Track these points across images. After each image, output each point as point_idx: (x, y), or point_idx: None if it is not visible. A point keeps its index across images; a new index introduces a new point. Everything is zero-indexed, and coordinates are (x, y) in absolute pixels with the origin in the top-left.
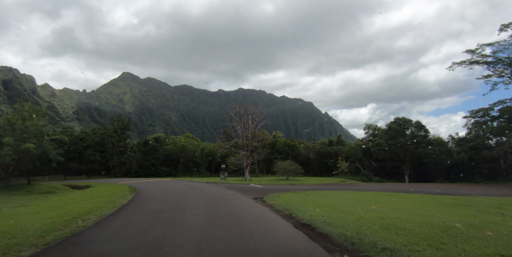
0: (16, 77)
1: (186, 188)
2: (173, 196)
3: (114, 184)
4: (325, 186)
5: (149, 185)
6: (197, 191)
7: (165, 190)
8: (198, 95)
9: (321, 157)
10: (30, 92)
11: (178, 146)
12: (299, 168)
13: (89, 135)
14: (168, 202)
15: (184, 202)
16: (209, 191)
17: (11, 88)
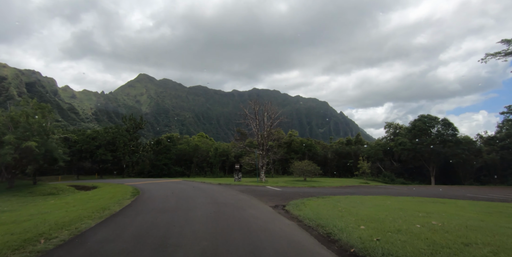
0: (39, 80)
1: (195, 191)
2: (176, 203)
3: (121, 185)
4: (350, 189)
5: (156, 186)
6: (206, 195)
7: (170, 193)
8: (213, 96)
9: (339, 157)
10: (51, 94)
11: (191, 145)
12: (317, 168)
13: (101, 133)
14: (167, 211)
15: (187, 211)
16: (220, 195)
17: (34, 91)
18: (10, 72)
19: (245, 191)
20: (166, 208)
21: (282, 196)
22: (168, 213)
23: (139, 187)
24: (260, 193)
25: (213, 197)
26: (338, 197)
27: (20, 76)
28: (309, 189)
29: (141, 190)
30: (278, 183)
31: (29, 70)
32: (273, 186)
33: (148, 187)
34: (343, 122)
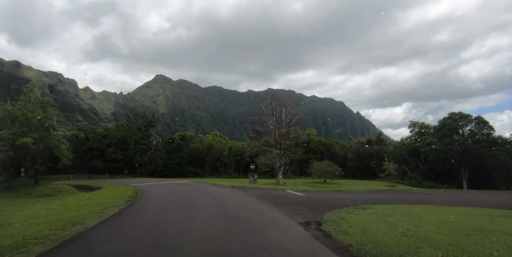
0: (61, 81)
1: (202, 195)
2: (172, 216)
3: (124, 186)
4: (383, 194)
5: (160, 189)
6: (215, 202)
7: (172, 198)
8: (228, 96)
9: (360, 158)
10: (72, 95)
11: (205, 144)
12: (338, 170)
13: (112, 131)
14: (156, 226)
15: (182, 230)
16: (232, 202)
17: (56, 92)
18: (34, 74)
19: (263, 197)
20: (157, 222)
21: (310, 205)
22: (157, 232)
23: (142, 189)
24: (281, 200)
25: (222, 205)
26: (381, 208)
27: (44, 78)
28: (337, 194)
29: (141, 194)
30: (297, 186)
31: (51, 72)
32: (293, 190)
33: (149, 189)
34: (360, 123)
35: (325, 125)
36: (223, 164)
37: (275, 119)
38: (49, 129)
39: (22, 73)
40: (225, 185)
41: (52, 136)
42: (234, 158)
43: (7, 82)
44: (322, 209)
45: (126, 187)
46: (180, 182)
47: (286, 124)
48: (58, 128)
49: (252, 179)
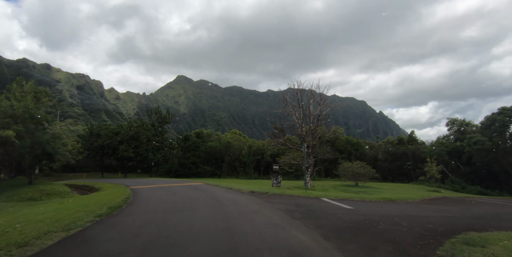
0: (87, 82)
1: (209, 208)
2: (144, 247)
3: (120, 190)
4: (452, 205)
5: (159, 194)
6: (223, 225)
7: (160, 215)
8: (248, 96)
9: (392, 158)
10: (98, 95)
11: (223, 142)
12: (372, 171)
13: (124, 128)
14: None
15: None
16: (250, 226)
17: (83, 92)
18: (63, 76)
19: (296, 213)
20: None
21: (380, 233)
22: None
23: (135, 195)
24: (327, 221)
25: (234, 232)
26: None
27: (72, 79)
28: (394, 206)
29: (132, 200)
30: (330, 191)
31: (79, 74)
32: (331, 198)
33: (144, 196)
34: (383, 123)
35: (347, 125)
36: (242, 164)
37: (301, 112)
38: (42, 122)
39: (52, 76)
40: (242, 190)
41: (47, 130)
42: (254, 157)
43: (38, 84)
44: (411, 245)
45: (119, 192)
46: (190, 185)
47: (315, 118)
48: (54, 121)
49: (275, 182)
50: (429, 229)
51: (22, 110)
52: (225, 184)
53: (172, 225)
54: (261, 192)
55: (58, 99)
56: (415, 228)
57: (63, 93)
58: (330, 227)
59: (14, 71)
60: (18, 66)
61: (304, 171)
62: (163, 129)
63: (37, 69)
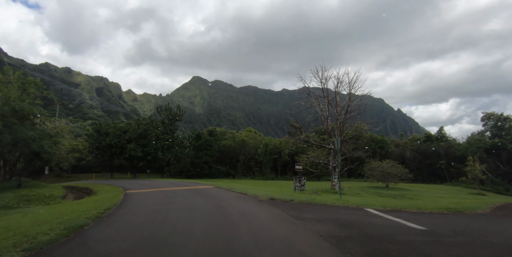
0: (106, 85)
1: (211, 234)
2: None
3: (116, 194)
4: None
5: (156, 201)
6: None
7: (136, 244)
8: (263, 96)
9: (421, 157)
10: (117, 97)
11: (237, 141)
12: (405, 171)
13: (133, 126)
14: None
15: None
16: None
17: (102, 95)
18: (83, 79)
19: (350, 243)
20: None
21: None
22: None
23: (126, 201)
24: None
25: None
26: None
27: (91, 82)
28: (479, 223)
29: (109, 214)
30: (363, 195)
31: (98, 76)
32: (376, 208)
33: (136, 204)
34: (401, 120)
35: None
36: (258, 163)
37: (327, 103)
38: (28, 116)
39: (72, 79)
40: (260, 197)
41: (37, 126)
42: (270, 157)
43: (59, 87)
44: None
45: (106, 199)
46: (197, 189)
47: (342, 110)
48: (47, 116)
49: (298, 185)
50: None
51: (0, 102)
52: (239, 187)
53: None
54: (283, 200)
55: (78, 102)
56: None
57: (83, 96)
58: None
59: (37, 75)
60: (40, 71)
61: (331, 171)
62: (173, 127)
63: (58, 73)
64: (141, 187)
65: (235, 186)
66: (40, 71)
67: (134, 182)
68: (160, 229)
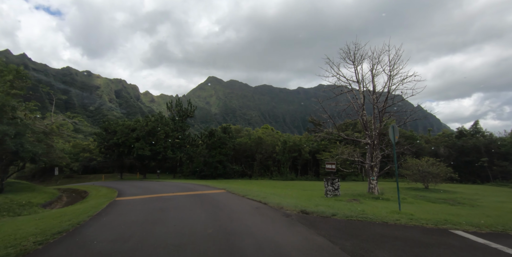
0: (124, 87)
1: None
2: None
3: (100, 202)
4: None
5: (140, 218)
6: None
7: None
8: (278, 94)
9: (457, 154)
10: (135, 99)
11: (253, 138)
12: (448, 171)
13: (141, 124)
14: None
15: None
16: None
17: (121, 96)
18: (103, 81)
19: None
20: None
21: None
22: None
23: (102, 216)
24: None
25: None
26: None
27: (110, 84)
28: None
29: (62, 238)
30: (407, 200)
31: (117, 79)
32: (467, 231)
33: (110, 221)
34: (421, 117)
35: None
36: (276, 162)
37: (361, 88)
38: (3, 107)
39: (92, 82)
40: (285, 208)
41: (17, 121)
42: (289, 155)
43: (80, 90)
44: None
45: (80, 211)
46: (203, 194)
47: (380, 96)
48: (26, 111)
49: (331, 189)
50: None
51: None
52: (256, 191)
53: None
54: (321, 214)
55: (98, 104)
56: None
57: (102, 98)
58: None
59: (59, 79)
60: (62, 74)
61: (367, 171)
62: (184, 123)
63: (79, 76)
64: (139, 191)
65: (252, 189)
66: (63, 75)
67: (138, 185)
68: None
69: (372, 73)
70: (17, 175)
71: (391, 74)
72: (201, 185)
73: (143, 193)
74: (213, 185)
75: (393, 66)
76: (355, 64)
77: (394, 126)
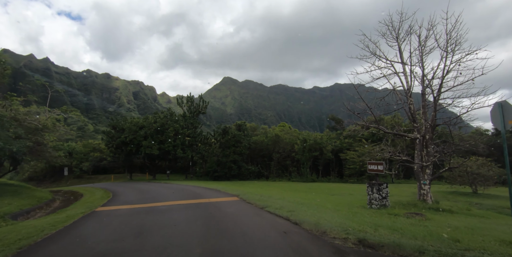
0: (142, 88)
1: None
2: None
3: (78, 213)
4: None
5: (105, 248)
6: None
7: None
8: (293, 94)
9: (500, 153)
10: (152, 100)
11: (270, 136)
12: (501, 172)
13: (149, 121)
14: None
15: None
16: None
17: (138, 98)
18: (121, 83)
19: None
20: None
21: None
22: None
23: (62, 237)
24: None
25: None
26: None
27: (128, 86)
28: None
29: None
30: (472, 211)
31: (134, 81)
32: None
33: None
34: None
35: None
36: (295, 162)
37: (406, 71)
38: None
39: (111, 84)
40: (328, 233)
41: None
42: (310, 154)
43: (100, 92)
44: None
45: (39, 227)
46: (211, 203)
47: (431, 80)
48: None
49: (378, 197)
50: None
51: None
52: (278, 197)
53: None
54: (399, 252)
55: (117, 105)
56: None
57: (121, 100)
58: None
59: (80, 82)
60: (83, 77)
61: (416, 173)
62: (195, 120)
63: (99, 78)
64: (135, 197)
65: (272, 196)
66: (83, 78)
67: (140, 187)
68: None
69: (420, 51)
70: (29, 176)
71: (448, 49)
72: (211, 190)
73: (136, 201)
74: (225, 189)
75: (449, 41)
76: (399, 40)
77: (504, 105)
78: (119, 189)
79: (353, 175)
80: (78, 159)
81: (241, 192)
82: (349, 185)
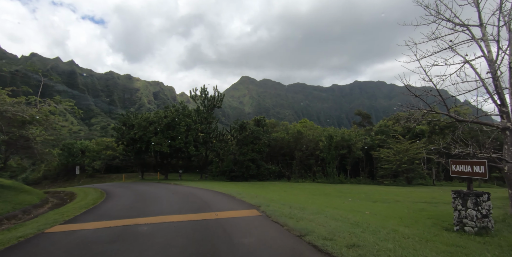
0: (162, 89)
1: None
2: None
3: (49, 222)
4: None
5: None
6: None
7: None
8: (311, 92)
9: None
10: (171, 100)
11: (292, 133)
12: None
13: (160, 116)
14: None
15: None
16: None
17: (158, 98)
18: (141, 84)
19: None
20: None
21: None
22: None
23: None
24: None
25: None
26: None
27: (149, 87)
28: None
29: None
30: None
31: (154, 81)
32: None
33: None
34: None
35: None
36: (320, 161)
37: (487, 36)
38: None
39: (132, 85)
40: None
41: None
42: (336, 152)
43: (122, 93)
44: None
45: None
46: (218, 220)
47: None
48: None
49: (475, 215)
50: None
51: None
52: (314, 207)
53: None
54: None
55: (138, 105)
56: None
57: (141, 100)
58: None
59: (103, 83)
60: (106, 78)
61: (507, 176)
62: (209, 114)
63: (120, 79)
64: (122, 205)
65: (306, 209)
66: (106, 79)
67: (143, 190)
68: None
69: (502, 11)
70: (43, 174)
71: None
72: (224, 195)
73: (120, 212)
74: (242, 196)
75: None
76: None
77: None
78: (117, 192)
79: (387, 175)
80: (91, 157)
81: (263, 199)
82: (386, 188)
